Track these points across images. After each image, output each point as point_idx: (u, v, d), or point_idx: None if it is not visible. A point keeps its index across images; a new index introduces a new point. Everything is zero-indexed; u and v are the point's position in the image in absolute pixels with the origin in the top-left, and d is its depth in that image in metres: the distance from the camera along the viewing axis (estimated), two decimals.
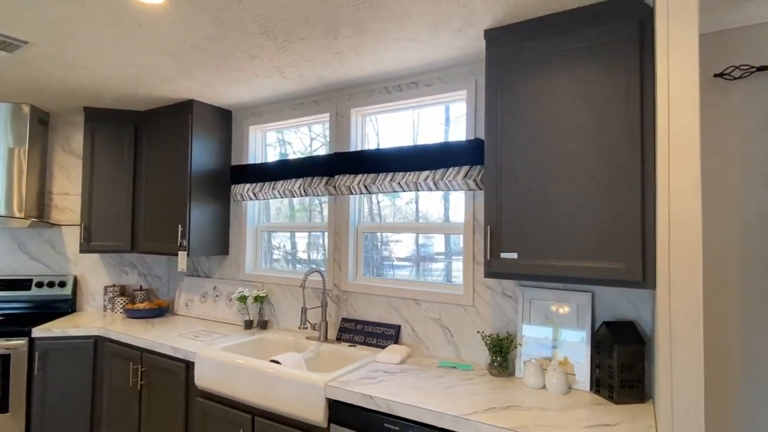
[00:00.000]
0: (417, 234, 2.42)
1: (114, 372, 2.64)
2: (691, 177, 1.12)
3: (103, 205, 3.04)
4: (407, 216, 2.49)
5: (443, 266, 2.34)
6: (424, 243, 2.41)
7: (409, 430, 1.56)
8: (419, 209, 2.45)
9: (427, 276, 2.38)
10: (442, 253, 2.36)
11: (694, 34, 1.13)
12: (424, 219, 2.42)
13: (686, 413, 1.09)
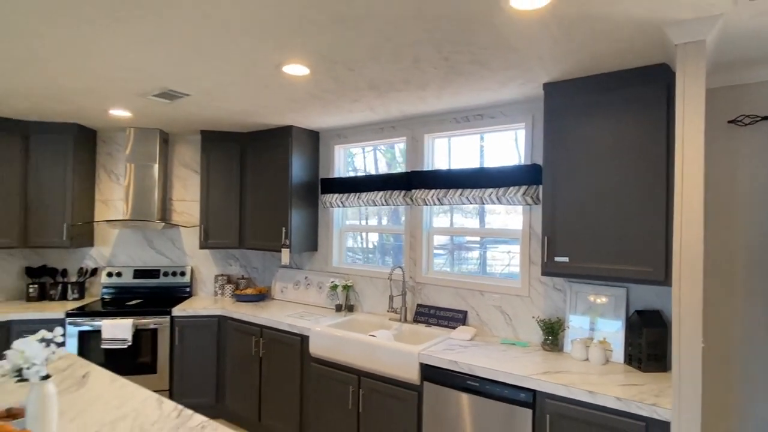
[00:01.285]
0: (481, 238, 2.97)
1: (236, 343, 3.35)
2: (696, 205, 1.62)
3: (216, 210, 3.75)
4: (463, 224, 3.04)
5: (478, 255, 2.89)
6: (460, 242, 2.96)
7: (486, 386, 2.15)
8: (482, 219, 3.00)
9: (467, 265, 2.94)
10: (477, 246, 2.91)
11: (701, 93, 1.60)
12: (483, 227, 2.97)
13: (689, 375, 1.61)
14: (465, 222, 3.09)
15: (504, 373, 2.10)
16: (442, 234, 3.12)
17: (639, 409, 1.76)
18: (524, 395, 2.04)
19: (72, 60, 2.10)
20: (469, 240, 3.08)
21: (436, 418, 2.31)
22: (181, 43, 1.89)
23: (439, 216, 3.16)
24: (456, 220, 3.12)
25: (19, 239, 3.44)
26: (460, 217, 3.11)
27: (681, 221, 1.65)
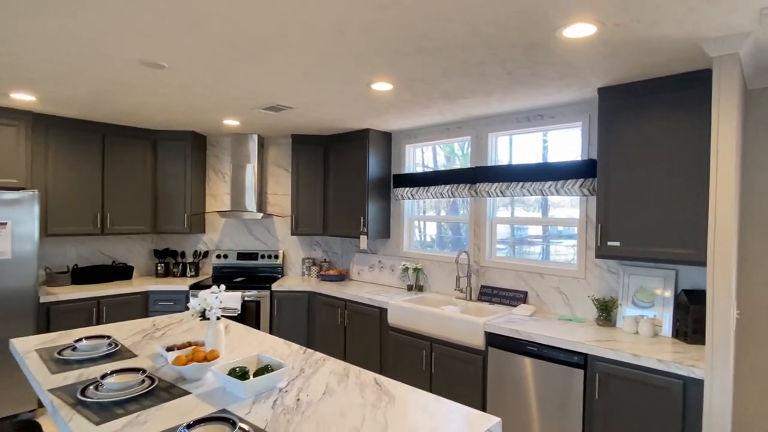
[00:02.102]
0: (543, 227, 3.30)
1: (323, 315, 3.94)
2: (729, 197, 1.89)
3: (304, 202, 4.37)
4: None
5: (540, 250, 3.21)
6: (521, 235, 3.29)
7: (544, 350, 2.52)
8: (544, 209, 3.32)
9: (530, 255, 3.27)
10: (539, 240, 3.22)
11: (734, 99, 1.86)
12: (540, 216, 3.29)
13: (721, 341, 1.89)
14: (526, 215, 3.42)
15: (560, 340, 2.46)
16: (504, 223, 3.48)
17: (678, 370, 2.06)
18: (577, 358, 2.39)
19: (212, 88, 2.72)
20: (531, 235, 3.40)
21: (498, 378, 2.72)
22: (296, 72, 2.43)
23: (500, 209, 3.52)
24: (517, 213, 3.46)
25: (151, 226, 4.26)
26: (522, 210, 3.44)
27: (715, 211, 1.93)
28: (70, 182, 3.73)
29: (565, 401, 2.44)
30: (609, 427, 2.28)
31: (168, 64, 2.31)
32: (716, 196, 1.92)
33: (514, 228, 3.47)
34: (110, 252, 4.29)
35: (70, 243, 4.04)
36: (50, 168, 3.63)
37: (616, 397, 2.26)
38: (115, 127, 3.99)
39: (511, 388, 2.66)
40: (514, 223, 3.44)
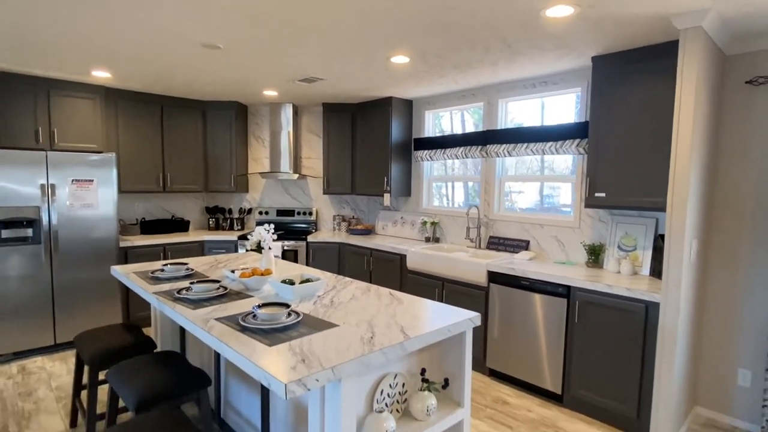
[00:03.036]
0: (541, 183, 3.70)
1: (352, 262, 4.52)
2: (686, 150, 2.25)
3: (334, 165, 4.88)
4: (522, 171, 3.77)
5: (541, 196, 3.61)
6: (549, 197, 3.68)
7: (535, 284, 2.99)
8: (536, 166, 3.70)
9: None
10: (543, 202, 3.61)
11: (695, 66, 2.19)
12: (542, 172, 3.68)
13: (674, 272, 2.31)
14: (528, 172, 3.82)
15: (548, 275, 2.92)
16: (511, 181, 3.89)
17: (642, 296, 2.49)
18: (561, 290, 2.86)
19: (257, 64, 3.21)
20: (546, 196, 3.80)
21: (497, 308, 3.22)
22: (328, 50, 2.88)
23: (509, 170, 3.92)
24: (521, 172, 3.85)
25: (202, 186, 4.90)
26: (524, 170, 3.84)
27: (675, 161, 2.31)
28: (136, 147, 4.38)
29: (550, 325, 2.92)
30: (586, 344, 2.76)
31: (223, 45, 2.82)
32: (677, 148, 2.30)
33: (542, 195, 3.87)
34: (170, 208, 4.98)
35: (137, 199, 4.74)
36: (120, 135, 4.27)
37: (592, 320, 2.72)
38: (171, 99, 4.58)
39: (508, 315, 3.16)
40: (518, 180, 3.84)
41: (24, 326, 3.53)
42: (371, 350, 1.50)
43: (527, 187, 3.80)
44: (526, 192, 3.82)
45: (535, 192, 3.77)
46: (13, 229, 3.45)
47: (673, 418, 2.42)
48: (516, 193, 3.87)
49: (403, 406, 1.88)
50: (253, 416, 2.25)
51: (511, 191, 3.91)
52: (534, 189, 3.77)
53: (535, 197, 3.76)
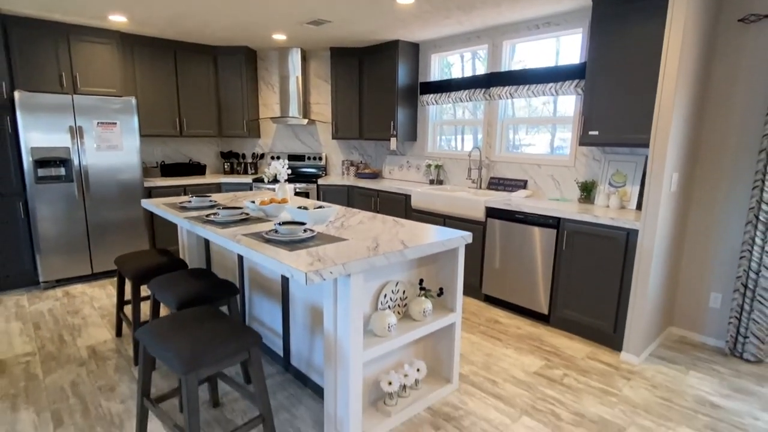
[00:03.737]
0: (553, 126, 3.85)
1: (360, 203, 4.78)
2: (671, 86, 2.41)
3: (342, 110, 5.03)
4: (532, 114, 3.91)
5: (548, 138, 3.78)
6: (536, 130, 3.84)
7: (530, 217, 3.23)
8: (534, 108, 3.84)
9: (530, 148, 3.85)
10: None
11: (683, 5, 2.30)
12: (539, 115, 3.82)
13: (653, 202, 2.52)
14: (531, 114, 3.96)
15: (540, 208, 3.15)
16: (512, 123, 4.04)
17: (624, 224, 2.73)
18: (552, 221, 3.10)
19: (268, 6, 3.32)
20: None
21: (494, 240, 3.49)
22: None
23: (516, 111, 4.05)
24: (522, 114, 3.99)
25: (217, 130, 5.11)
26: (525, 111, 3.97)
27: (660, 99, 2.46)
28: (153, 92, 4.56)
29: (541, 253, 3.20)
30: (572, 270, 3.04)
31: None
32: (662, 85, 2.45)
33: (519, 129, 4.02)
34: (187, 152, 5.23)
35: (156, 144, 4.98)
36: (138, 80, 4.44)
37: (578, 248, 2.98)
38: (183, 44, 4.70)
39: (503, 246, 3.44)
40: (519, 123, 4.00)
41: (64, 257, 3.91)
42: (375, 254, 1.78)
43: (538, 139, 3.95)
44: (537, 144, 3.98)
45: (545, 144, 3.92)
46: (48, 169, 3.73)
47: (645, 333, 2.73)
48: (526, 146, 4.02)
49: (404, 309, 2.20)
50: (275, 324, 2.60)
51: (521, 144, 4.05)
52: (545, 141, 3.92)
53: (546, 149, 3.92)
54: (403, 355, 2.26)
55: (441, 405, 2.24)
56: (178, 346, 1.59)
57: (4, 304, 3.55)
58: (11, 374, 2.51)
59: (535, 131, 3.94)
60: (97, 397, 2.29)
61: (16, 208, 3.75)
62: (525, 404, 2.26)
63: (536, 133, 3.92)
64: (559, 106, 3.73)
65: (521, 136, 4.03)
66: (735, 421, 2.15)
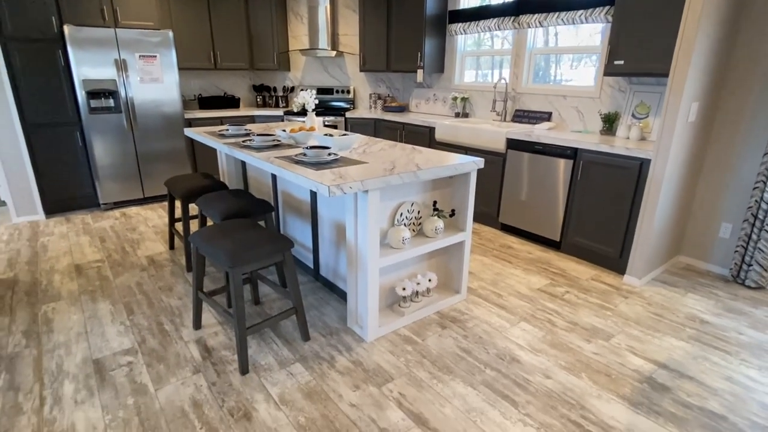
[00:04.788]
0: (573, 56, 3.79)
1: (386, 135, 4.94)
2: (696, 14, 2.36)
3: (370, 41, 5.04)
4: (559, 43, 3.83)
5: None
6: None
7: (548, 148, 3.33)
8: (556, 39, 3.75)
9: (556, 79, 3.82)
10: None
11: None
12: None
13: (667, 132, 2.57)
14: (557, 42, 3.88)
15: (559, 139, 3.24)
16: (541, 53, 3.99)
17: (638, 154, 2.80)
18: (569, 152, 3.19)
19: None
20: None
21: (513, 170, 3.63)
22: None
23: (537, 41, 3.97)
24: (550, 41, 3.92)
25: (249, 63, 5.26)
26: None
27: (684, 27, 2.42)
28: (188, 25, 4.71)
29: (556, 183, 3.33)
30: (585, 199, 3.17)
31: None
32: (687, 12, 2.40)
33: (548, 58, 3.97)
34: (221, 85, 5.44)
35: (193, 77, 5.21)
36: (172, 12, 4.59)
37: (593, 177, 3.09)
38: None
39: (521, 177, 3.58)
40: (549, 53, 3.94)
41: (119, 182, 4.35)
42: (391, 174, 2.00)
43: (571, 71, 3.90)
44: (569, 76, 3.93)
45: (580, 76, 3.87)
46: (99, 100, 4.06)
47: (649, 259, 2.90)
48: (561, 78, 3.98)
49: (418, 227, 2.45)
50: (306, 240, 2.93)
51: (563, 79, 4.01)
52: (590, 74, 3.87)
53: (580, 80, 3.88)
54: (417, 267, 2.54)
55: (449, 310, 2.55)
56: (225, 246, 1.91)
57: (72, 221, 4.06)
58: (87, 275, 2.99)
59: (571, 62, 3.89)
60: (158, 294, 2.73)
61: (75, 136, 4.15)
62: (525, 313, 2.53)
63: (575, 65, 3.88)
64: (586, 35, 3.64)
65: (554, 68, 3.98)
66: (720, 334, 2.36)
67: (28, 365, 2.05)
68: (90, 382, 1.94)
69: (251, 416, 1.74)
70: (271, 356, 2.12)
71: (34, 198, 4.06)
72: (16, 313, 2.50)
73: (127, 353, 2.14)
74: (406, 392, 1.88)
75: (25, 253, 3.34)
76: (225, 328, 2.35)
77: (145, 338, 2.26)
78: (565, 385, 1.94)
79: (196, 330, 2.33)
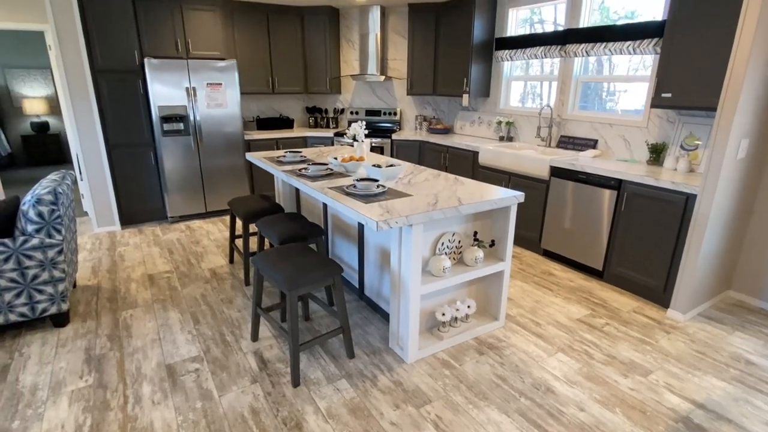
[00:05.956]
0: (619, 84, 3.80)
1: (430, 158, 5.10)
2: (745, 51, 2.36)
3: (418, 66, 5.24)
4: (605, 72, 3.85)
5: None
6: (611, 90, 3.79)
7: (592, 178, 3.36)
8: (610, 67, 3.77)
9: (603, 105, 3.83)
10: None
11: None
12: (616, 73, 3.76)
13: (714, 168, 2.56)
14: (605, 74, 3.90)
15: (604, 170, 3.27)
16: (588, 81, 4.02)
17: (684, 189, 2.80)
18: (613, 182, 3.22)
19: None
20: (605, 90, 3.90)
21: (556, 198, 3.67)
22: None
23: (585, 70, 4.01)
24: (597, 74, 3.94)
25: (303, 87, 5.61)
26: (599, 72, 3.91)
27: (733, 64, 2.43)
28: (250, 53, 5.12)
29: (600, 213, 3.35)
30: (629, 230, 3.18)
31: None
32: (737, 49, 2.41)
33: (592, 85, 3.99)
34: (277, 107, 5.83)
35: (252, 100, 5.62)
36: (237, 42, 5.01)
37: (637, 209, 3.10)
38: (275, 7, 5.14)
39: (564, 204, 3.62)
40: (595, 80, 3.97)
41: (185, 197, 4.77)
42: (434, 209, 2.16)
43: (623, 98, 3.92)
44: (621, 103, 3.95)
45: (631, 103, 3.88)
46: (171, 123, 4.50)
47: (695, 293, 2.87)
48: (611, 103, 4.01)
49: (458, 256, 2.58)
50: (353, 261, 3.13)
51: (610, 107, 4.04)
52: (638, 103, 3.88)
53: (631, 106, 3.89)
54: (457, 294, 2.68)
55: (486, 337, 2.66)
56: (283, 270, 2.14)
57: (144, 232, 4.51)
58: (159, 285, 3.34)
59: (619, 91, 3.90)
60: (220, 306, 3.02)
61: (149, 156, 4.61)
62: (562, 343, 2.59)
63: (623, 93, 3.89)
64: (637, 66, 3.65)
65: (601, 96, 4.01)
66: (766, 377, 2.31)
67: (113, 366, 2.37)
68: (164, 385, 2.22)
69: (302, 427, 1.94)
70: (319, 371, 2.32)
71: (112, 210, 4.54)
72: (101, 317, 2.87)
73: (194, 360, 2.42)
74: (443, 415, 2.02)
75: (105, 261, 3.77)
76: (279, 341, 2.59)
77: (210, 347, 2.54)
78: (599, 419, 2.00)
79: (254, 342, 2.58)
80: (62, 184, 2.71)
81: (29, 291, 2.55)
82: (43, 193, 2.50)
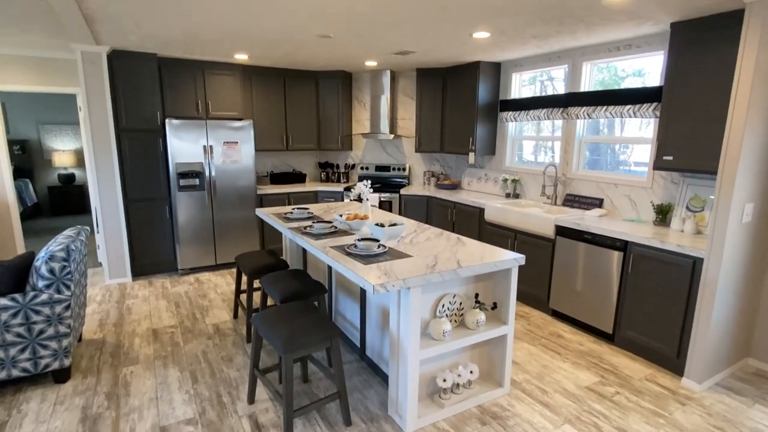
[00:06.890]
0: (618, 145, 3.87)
1: (437, 213, 5.15)
2: (741, 117, 2.41)
3: (426, 125, 5.43)
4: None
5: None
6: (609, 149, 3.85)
7: (597, 238, 3.34)
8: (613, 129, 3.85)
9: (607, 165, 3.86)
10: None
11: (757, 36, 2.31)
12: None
13: (719, 233, 2.53)
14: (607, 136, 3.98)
15: (610, 230, 3.25)
16: (591, 142, 4.10)
17: (691, 252, 2.76)
18: (619, 244, 3.19)
19: (360, 45, 3.84)
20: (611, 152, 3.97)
21: (562, 258, 3.64)
22: (418, 31, 3.39)
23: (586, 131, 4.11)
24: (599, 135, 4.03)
25: (316, 144, 5.83)
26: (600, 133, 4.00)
27: (729, 130, 2.48)
28: (266, 113, 5.39)
29: (607, 274, 3.29)
30: (637, 292, 3.10)
31: (333, 35, 3.49)
32: (732, 115, 2.46)
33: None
34: (291, 163, 6.04)
35: (267, 156, 5.84)
36: (254, 103, 5.29)
37: (644, 271, 3.04)
38: (291, 71, 5.47)
39: (571, 264, 3.58)
40: (598, 141, 4.04)
41: (196, 250, 4.87)
42: (432, 272, 2.17)
43: (630, 163, 3.99)
44: (625, 162, 4.01)
45: (642, 167, 3.94)
46: (187, 179, 4.69)
47: (710, 362, 2.74)
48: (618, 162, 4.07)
49: (459, 318, 2.55)
50: (355, 320, 3.11)
51: (615, 167, 4.11)
52: (645, 151, 3.94)
53: (635, 167, 3.94)
54: (458, 358, 2.61)
55: (490, 405, 2.55)
56: (280, 332, 2.14)
57: (154, 284, 4.57)
58: (162, 340, 3.35)
59: (622, 150, 3.96)
60: (220, 364, 2.99)
61: (164, 209, 4.77)
62: (570, 414, 2.47)
63: (628, 153, 3.95)
64: (639, 127, 3.73)
65: (605, 156, 4.07)
66: None
67: (107, 427, 2.34)
68: None
69: None
70: None
71: (125, 262, 4.64)
72: (102, 374, 2.86)
73: (189, 423, 2.37)
74: None
75: (113, 314, 3.81)
76: (275, 405, 2.53)
77: (206, 409, 2.49)
78: None
79: (250, 404, 2.53)
80: (76, 240, 2.81)
81: (34, 346, 2.58)
82: (56, 249, 2.60)
